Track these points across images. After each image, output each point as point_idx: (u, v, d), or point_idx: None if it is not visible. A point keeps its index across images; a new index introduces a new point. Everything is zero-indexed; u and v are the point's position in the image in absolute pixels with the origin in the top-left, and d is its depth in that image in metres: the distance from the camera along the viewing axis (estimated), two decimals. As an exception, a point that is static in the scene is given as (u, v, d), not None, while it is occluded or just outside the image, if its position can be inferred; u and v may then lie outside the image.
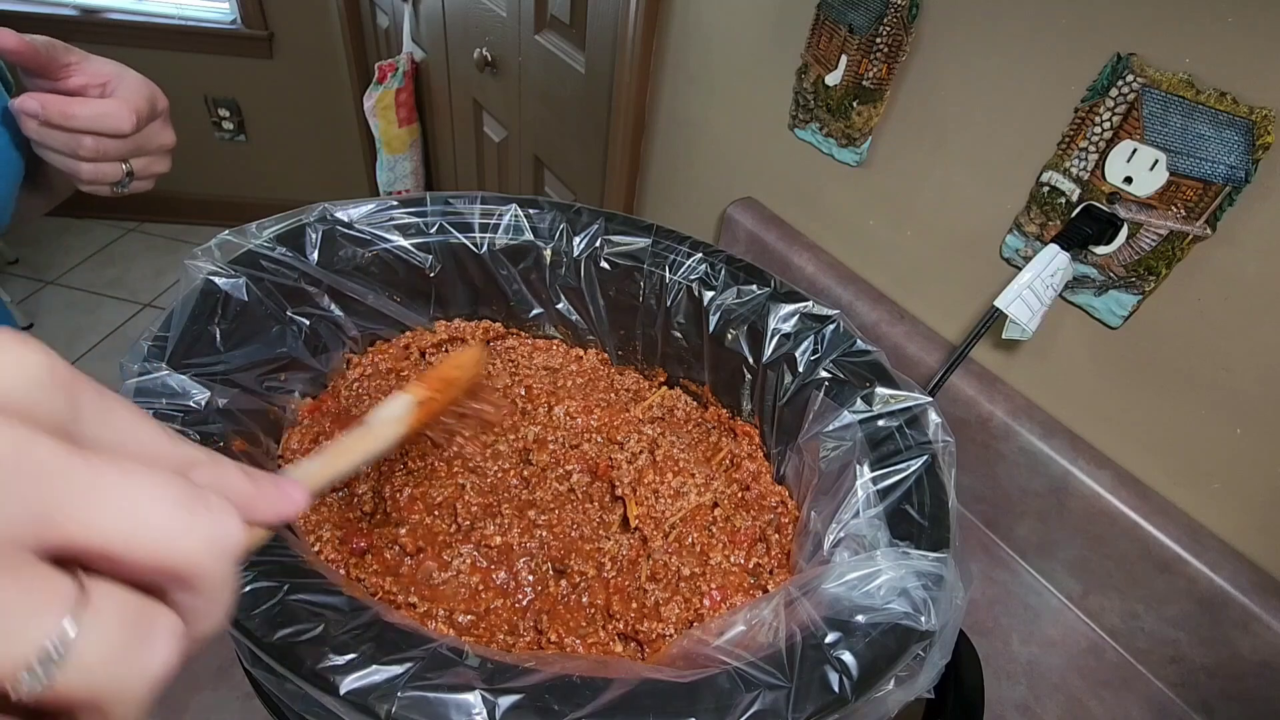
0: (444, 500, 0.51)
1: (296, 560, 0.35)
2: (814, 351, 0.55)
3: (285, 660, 0.30)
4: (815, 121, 0.77)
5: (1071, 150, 0.56)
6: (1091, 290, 0.58)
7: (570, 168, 1.33)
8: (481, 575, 0.47)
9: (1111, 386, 0.61)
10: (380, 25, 2.06)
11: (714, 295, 0.60)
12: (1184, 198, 0.50)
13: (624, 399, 0.65)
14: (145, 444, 0.20)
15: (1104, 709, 0.58)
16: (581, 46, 1.15)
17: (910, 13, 0.63)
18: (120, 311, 2.25)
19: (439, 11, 1.60)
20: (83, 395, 0.18)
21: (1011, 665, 0.60)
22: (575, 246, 0.62)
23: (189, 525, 0.17)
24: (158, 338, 0.43)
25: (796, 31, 0.76)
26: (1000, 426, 0.65)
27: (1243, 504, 0.55)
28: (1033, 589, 0.66)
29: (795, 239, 0.83)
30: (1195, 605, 0.56)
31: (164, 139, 0.55)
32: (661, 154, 1.08)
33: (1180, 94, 0.49)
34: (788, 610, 0.37)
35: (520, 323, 0.67)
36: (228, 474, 0.22)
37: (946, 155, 0.66)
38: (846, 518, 0.44)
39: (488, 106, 1.58)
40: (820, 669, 0.33)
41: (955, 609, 0.37)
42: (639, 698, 0.31)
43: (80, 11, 2.15)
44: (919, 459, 0.45)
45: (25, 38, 0.45)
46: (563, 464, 0.56)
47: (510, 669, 0.31)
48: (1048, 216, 0.59)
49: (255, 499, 0.22)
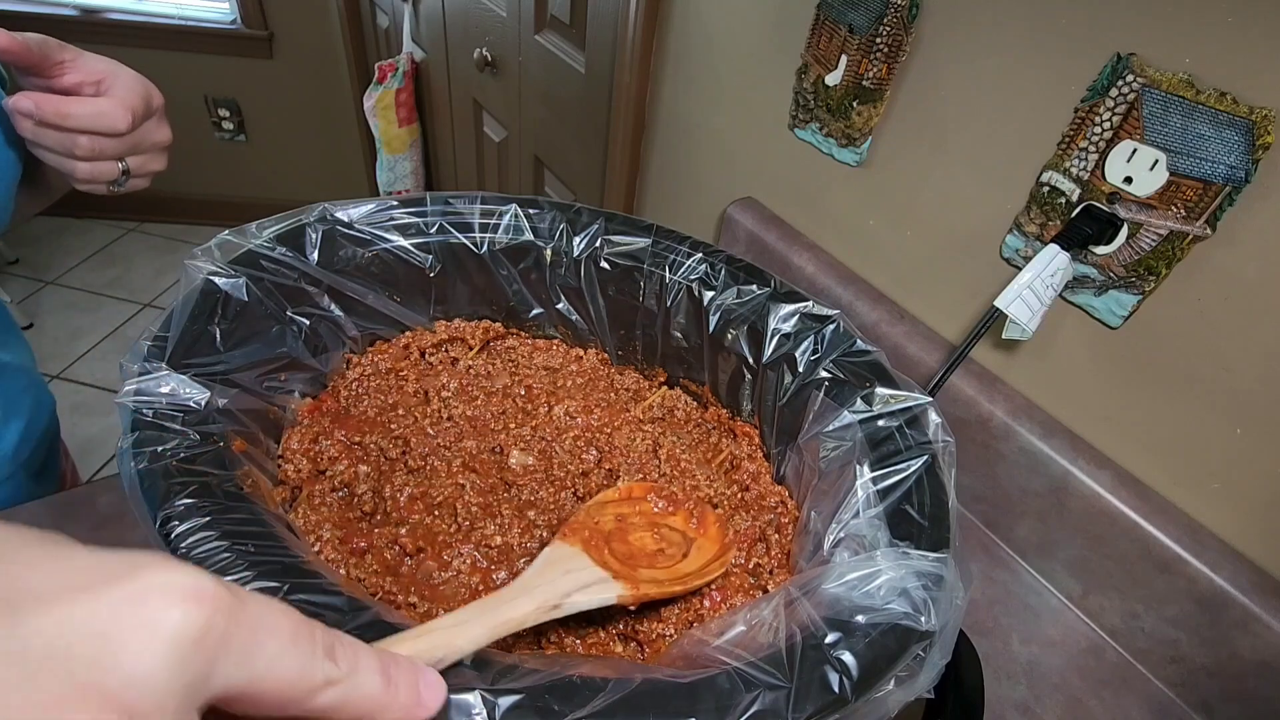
0: (444, 500, 0.51)
1: (296, 560, 0.35)
2: (814, 351, 0.55)
3: (285, 660, 0.30)
4: (815, 121, 0.77)
5: (1071, 150, 0.56)
6: (1091, 290, 0.58)
7: (570, 168, 1.33)
8: (481, 575, 0.47)
9: (1111, 386, 0.61)
10: (380, 25, 2.06)
11: (714, 295, 0.60)
12: (1184, 198, 0.50)
13: (624, 399, 0.65)
14: (285, 672, 0.19)
15: (1104, 709, 0.58)
16: (581, 46, 1.15)
17: (910, 12, 0.63)
18: (120, 311, 2.25)
19: (439, 11, 1.60)
20: (230, 645, 0.18)
21: (1011, 665, 0.60)
22: (575, 246, 0.62)
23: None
24: (157, 338, 0.43)
25: (796, 31, 0.76)
26: (1000, 426, 0.65)
27: (1243, 504, 0.55)
28: (1033, 589, 0.66)
29: (795, 239, 0.83)
30: (1195, 605, 0.56)
31: (160, 136, 0.55)
32: (661, 154, 1.08)
33: (1180, 94, 0.49)
34: (788, 610, 0.37)
35: (520, 323, 0.67)
36: (360, 676, 0.21)
37: (946, 155, 0.66)
38: (846, 518, 0.44)
39: (488, 106, 1.58)
40: (820, 669, 0.33)
41: (955, 609, 0.37)
42: (639, 698, 0.31)
43: (80, 11, 2.15)
44: (919, 459, 0.45)
45: (17, 36, 0.45)
46: (563, 464, 0.56)
47: (510, 669, 0.31)
48: (1048, 216, 0.59)
49: (385, 710, 0.21)
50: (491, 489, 0.53)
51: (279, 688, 0.19)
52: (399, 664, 0.22)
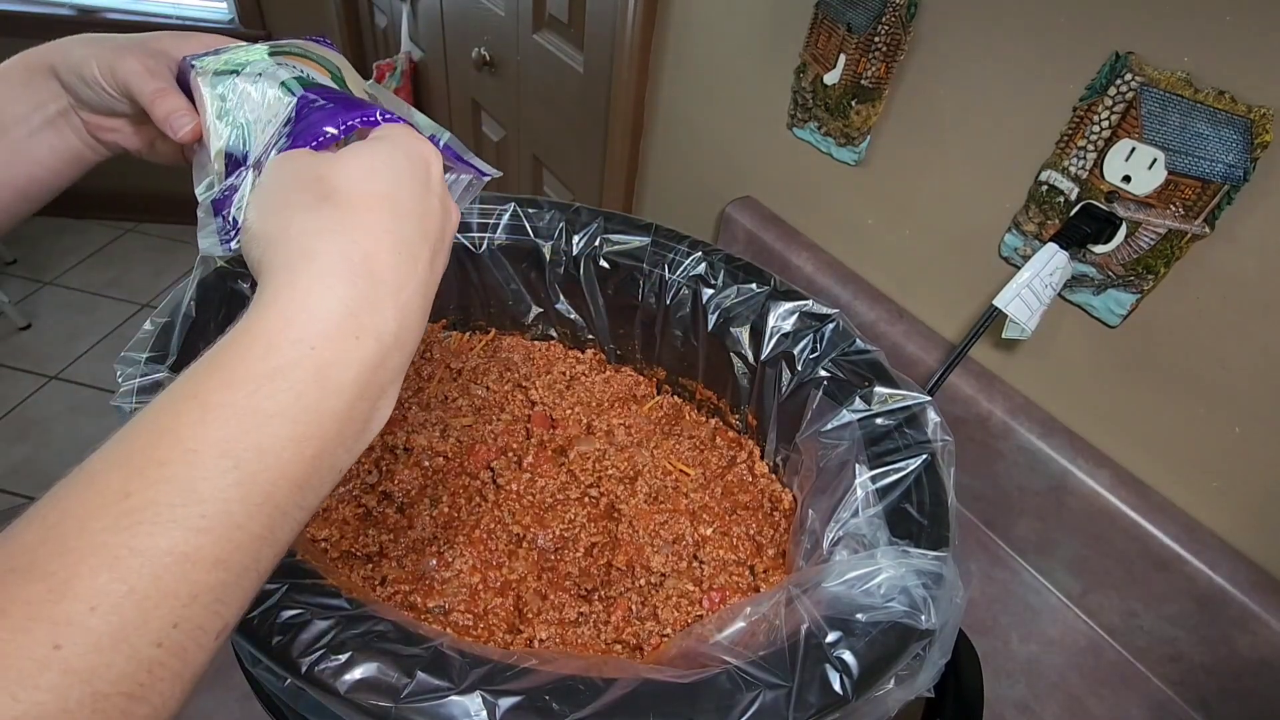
0: (445, 501, 0.51)
1: (296, 560, 0.35)
2: (813, 350, 0.55)
3: (285, 661, 0.30)
4: (814, 120, 0.77)
5: (1070, 149, 0.56)
6: (1090, 289, 0.58)
7: (569, 167, 1.33)
8: (481, 575, 0.47)
9: (1110, 385, 0.61)
10: (378, 25, 2.05)
11: (713, 294, 0.60)
12: (1182, 196, 0.50)
13: (622, 398, 0.65)
14: None
15: (1103, 707, 0.58)
16: (580, 46, 1.15)
17: (909, 11, 0.63)
18: (119, 311, 2.24)
19: (437, 11, 1.60)
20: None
21: (1011, 664, 0.60)
22: (574, 245, 0.62)
23: None
24: (157, 338, 0.43)
25: (795, 30, 0.76)
26: (999, 425, 0.65)
27: (1241, 502, 0.55)
28: (1032, 588, 0.66)
29: (794, 238, 0.83)
30: (1194, 603, 0.56)
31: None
32: (660, 153, 1.08)
33: (1179, 93, 0.49)
34: (788, 609, 0.37)
35: (518, 322, 0.67)
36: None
37: (945, 154, 0.66)
38: (845, 516, 0.44)
39: (486, 106, 1.58)
40: (820, 668, 0.33)
41: (955, 608, 0.37)
42: (639, 698, 0.31)
43: (78, 11, 2.14)
44: (918, 458, 0.45)
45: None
46: (562, 463, 0.56)
47: (510, 669, 0.31)
48: (1046, 215, 0.59)
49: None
50: (491, 488, 0.53)
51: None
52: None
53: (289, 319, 0.24)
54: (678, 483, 0.56)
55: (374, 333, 0.25)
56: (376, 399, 0.26)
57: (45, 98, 0.38)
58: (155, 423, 0.22)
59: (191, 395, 0.23)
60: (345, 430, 0.25)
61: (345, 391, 0.24)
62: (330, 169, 0.28)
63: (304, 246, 0.26)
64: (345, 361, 0.25)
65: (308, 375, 0.24)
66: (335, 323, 0.25)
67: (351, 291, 0.25)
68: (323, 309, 0.25)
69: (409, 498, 0.51)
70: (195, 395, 0.23)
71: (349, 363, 0.25)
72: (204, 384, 0.23)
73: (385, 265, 0.26)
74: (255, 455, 0.22)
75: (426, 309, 0.29)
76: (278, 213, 0.27)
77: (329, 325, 0.24)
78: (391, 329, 0.26)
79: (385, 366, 0.26)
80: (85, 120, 0.39)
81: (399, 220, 0.27)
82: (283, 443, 0.23)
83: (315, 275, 0.25)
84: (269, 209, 0.28)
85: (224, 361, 0.23)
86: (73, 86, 0.37)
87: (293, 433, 0.23)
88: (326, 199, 0.27)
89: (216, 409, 0.22)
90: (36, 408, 1.92)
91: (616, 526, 0.53)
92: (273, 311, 0.24)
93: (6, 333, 2.11)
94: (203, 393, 0.23)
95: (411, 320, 0.27)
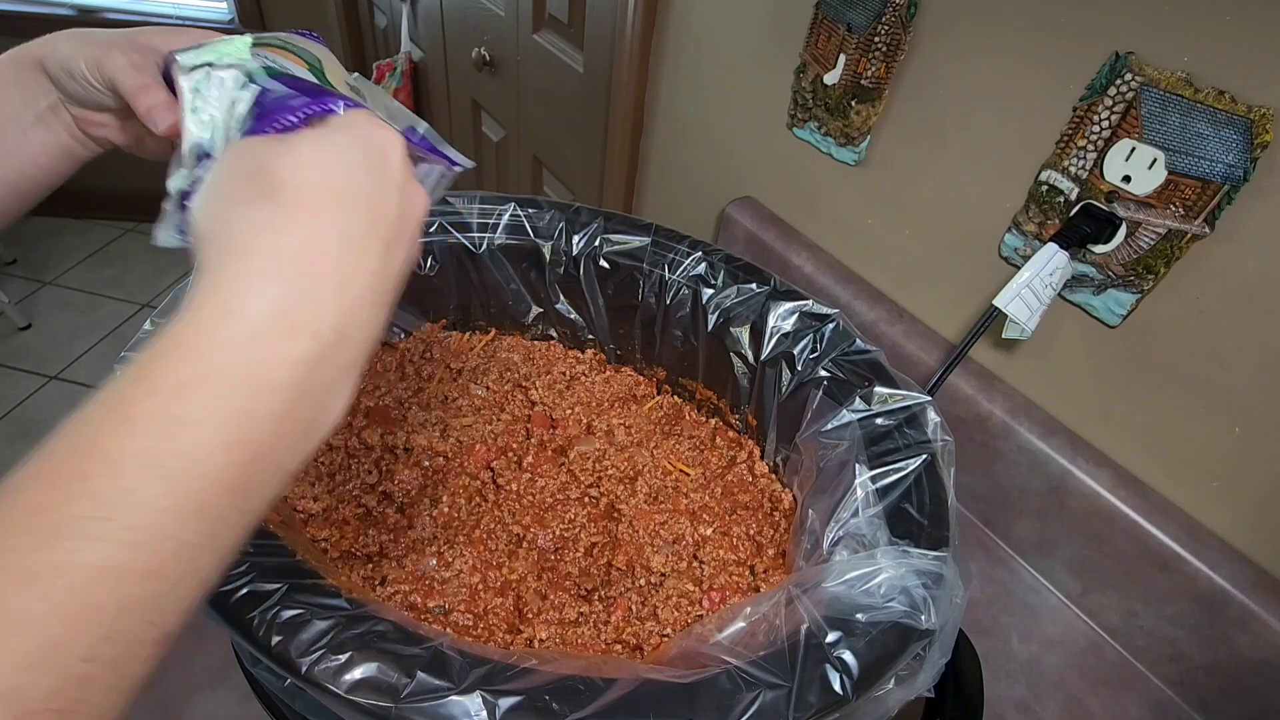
0: (445, 501, 0.51)
1: (296, 560, 0.35)
2: (813, 350, 0.55)
3: (285, 661, 0.30)
4: (814, 120, 0.77)
5: (1070, 149, 0.56)
6: (1090, 289, 0.58)
7: (569, 167, 1.33)
8: (481, 575, 0.47)
9: (1110, 385, 0.61)
10: (378, 25, 2.05)
11: (713, 294, 0.60)
12: (1182, 196, 0.50)
13: (622, 398, 0.65)
14: None
15: (1103, 707, 0.58)
16: (580, 46, 1.15)
17: (909, 11, 0.63)
18: (119, 311, 2.24)
19: (437, 11, 1.60)
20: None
21: (1011, 664, 0.60)
22: (574, 245, 0.62)
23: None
24: (156, 338, 0.43)
25: (795, 30, 0.75)
26: (999, 425, 0.65)
27: (1241, 502, 0.55)
28: (1032, 588, 0.66)
29: (794, 238, 0.83)
30: (1194, 603, 0.56)
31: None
32: (660, 153, 1.08)
33: (1179, 92, 0.49)
34: (788, 609, 0.37)
35: (518, 322, 0.67)
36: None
37: (945, 154, 0.66)
38: (845, 516, 0.44)
39: (486, 106, 1.58)
40: (820, 668, 0.33)
41: (955, 608, 0.37)
42: (639, 698, 0.31)
43: (78, 11, 2.14)
44: (918, 458, 0.45)
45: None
46: (562, 463, 0.56)
47: (510, 669, 0.31)
48: (1046, 215, 0.59)
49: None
50: (492, 489, 0.53)
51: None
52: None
53: (216, 320, 0.24)
54: (678, 483, 0.56)
55: (310, 330, 0.25)
56: (322, 398, 0.25)
57: (36, 94, 0.37)
58: (76, 435, 0.22)
59: (114, 404, 0.22)
60: (286, 431, 0.24)
61: (281, 393, 0.24)
62: (278, 160, 0.27)
63: (239, 244, 0.25)
64: (277, 361, 0.24)
65: (236, 378, 0.23)
66: (265, 322, 0.24)
67: (284, 289, 0.24)
68: (252, 309, 0.24)
69: (409, 498, 0.51)
70: (118, 404, 0.22)
71: (281, 362, 0.24)
72: (127, 392, 0.22)
73: (326, 260, 0.25)
74: (184, 463, 0.22)
75: (382, 302, 0.28)
76: (220, 207, 0.27)
77: (258, 325, 0.24)
78: (332, 325, 0.25)
79: (328, 364, 0.25)
80: (75, 115, 0.38)
81: (347, 212, 0.26)
82: (212, 449, 0.22)
83: (246, 275, 0.24)
84: (212, 203, 0.27)
85: (148, 368, 0.23)
86: (61, 81, 0.37)
87: (223, 438, 0.23)
88: (269, 192, 0.26)
89: (139, 419, 0.22)
90: (36, 408, 1.92)
91: (616, 526, 0.53)
92: (202, 313, 0.24)
93: (6, 333, 2.11)
94: (125, 401, 0.22)
95: (361, 315, 0.26)
